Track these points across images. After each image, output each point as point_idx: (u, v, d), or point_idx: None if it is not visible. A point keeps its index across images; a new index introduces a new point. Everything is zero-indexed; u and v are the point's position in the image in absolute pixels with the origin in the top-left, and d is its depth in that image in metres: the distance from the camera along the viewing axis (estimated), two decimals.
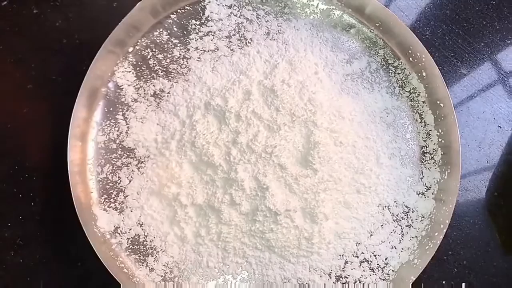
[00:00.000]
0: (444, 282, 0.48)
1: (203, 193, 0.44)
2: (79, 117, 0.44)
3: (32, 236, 0.46)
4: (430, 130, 0.48)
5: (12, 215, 0.46)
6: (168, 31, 0.48)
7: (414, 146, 0.48)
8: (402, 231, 0.46)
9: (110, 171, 0.45)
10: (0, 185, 0.46)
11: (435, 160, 0.47)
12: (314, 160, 0.43)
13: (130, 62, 0.47)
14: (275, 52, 0.48)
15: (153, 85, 0.47)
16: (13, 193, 0.46)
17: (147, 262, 0.44)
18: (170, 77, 0.47)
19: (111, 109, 0.46)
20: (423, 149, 0.48)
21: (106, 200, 0.45)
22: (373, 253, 0.45)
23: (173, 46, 0.48)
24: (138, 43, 0.48)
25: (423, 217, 0.46)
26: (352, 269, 0.45)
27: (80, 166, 0.44)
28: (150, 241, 0.44)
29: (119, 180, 0.45)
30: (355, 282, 0.45)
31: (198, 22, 0.49)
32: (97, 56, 0.44)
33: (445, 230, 0.44)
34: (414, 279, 0.43)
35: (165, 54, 0.48)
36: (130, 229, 0.44)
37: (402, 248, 0.46)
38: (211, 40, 0.48)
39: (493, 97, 0.52)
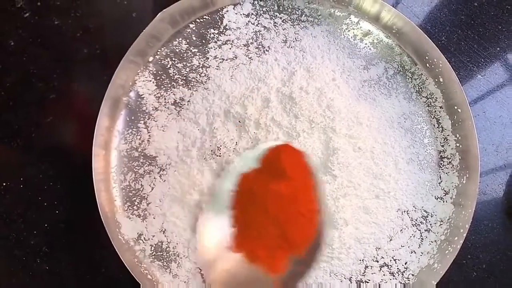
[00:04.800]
0: (464, 286, 0.48)
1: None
2: (102, 126, 0.45)
3: (58, 244, 0.47)
4: (448, 135, 0.48)
5: (38, 223, 0.47)
6: (187, 41, 0.49)
7: (432, 151, 0.48)
8: (421, 236, 0.47)
9: (133, 179, 0.46)
10: (25, 193, 0.47)
11: (453, 165, 0.48)
12: (333, 166, 0.44)
13: (151, 72, 0.48)
14: (292, 60, 0.48)
15: (173, 94, 0.48)
16: (38, 201, 0.47)
17: (171, 268, 0.45)
18: (189, 86, 0.48)
19: (132, 118, 0.47)
20: (441, 154, 0.48)
21: (130, 208, 0.45)
22: (392, 258, 0.46)
23: (192, 55, 0.49)
24: (158, 53, 0.49)
25: (442, 221, 0.47)
26: (372, 273, 0.45)
27: (104, 174, 0.45)
28: (173, 248, 0.45)
29: (142, 188, 0.46)
30: (375, 287, 0.45)
31: (216, 31, 0.49)
32: (119, 66, 0.45)
33: (465, 235, 0.44)
34: (435, 283, 0.43)
35: (184, 63, 0.49)
36: (153, 236, 0.45)
37: (422, 253, 0.46)
38: (230, 48, 0.49)
39: (509, 101, 0.53)
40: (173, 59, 0.49)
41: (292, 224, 0.37)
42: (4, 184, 0.47)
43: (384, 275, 0.46)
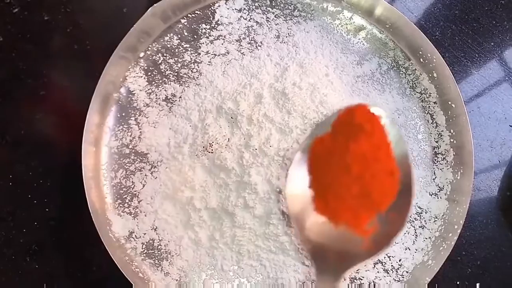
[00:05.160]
0: (458, 283, 0.48)
1: (217, 197, 0.44)
2: (92, 123, 0.44)
3: (47, 242, 0.46)
4: (442, 131, 0.48)
5: (27, 221, 0.46)
6: (179, 36, 0.48)
7: (426, 147, 0.48)
8: (415, 232, 0.46)
9: (124, 176, 0.45)
10: (14, 191, 0.47)
11: (447, 161, 0.47)
12: None
13: (142, 67, 0.48)
14: (285, 55, 0.48)
15: (165, 90, 0.47)
16: (27, 199, 0.46)
17: (162, 266, 0.44)
18: (181, 82, 0.47)
19: (123, 114, 0.47)
20: (435, 149, 0.48)
21: (120, 205, 0.45)
22: (387, 255, 0.45)
23: (184, 50, 0.48)
24: (149, 48, 0.48)
25: (436, 217, 0.46)
26: (366, 270, 0.45)
27: (94, 171, 0.44)
28: (165, 245, 0.44)
29: (133, 185, 0.45)
30: (369, 284, 0.45)
31: (208, 26, 0.49)
32: (109, 62, 0.44)
33: (459, 231, 0.44)
34: (430, 280, 0.43)
35: (176, 58, 0.48)
36: (145, 234, 0.44)
37: (416, 249, 0.46)
38: (222, 44, 0.48)
39: (504, 96, 0.52)
40: (165, 54, 0.48)
41: (375, 182, 0.37)
42: None
43: (378, 272, 0.45)
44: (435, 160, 0.48)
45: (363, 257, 0.38)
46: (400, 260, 0.46)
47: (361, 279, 0.45)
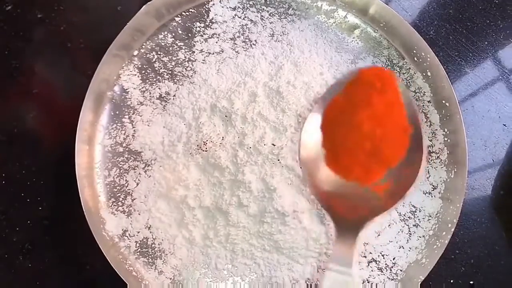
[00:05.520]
0: (452, 281, 0.48)
1: (211, 195, 0.44)
2: (85, 121, 0.44)
3: (41, 240, 0.46)
4: (436, 130, 0.48)
5: (20, 220, 0.46)
6: (173, 34, 0.48)
7: None
8: (409, 231, 0.46)
9: (117, 174, 0.45)
10: (7, 189, 0.46)
11: (441, 159, 0.47)
12: None
13: (136, 66, 0.47)
14: (280, 54, 0.48)
15: (159, 88, 0.47)
16: (20, 197, 0.46)
17: (156, 265, 0.44)
18: (175, 80, 0.47)
19: (117, 112, 0.46)
20: (429, 148, 0.48)
21: (114, 204, 0.45)
22: (381, 253, 0.45)
23: (178, 48, 0.48)
24: (143, 46, 0.48)
25: (430, 216, 0.46)
26: (360, 269, 0.45)
27: (87, 170, 0.44)
28: (159, 244, 0.44)
29: (127, 183, 0.45)
30: (363, 282, 0.45)
31: (202, 25, 0.49)
32: (103, 60, 0.44)
33: (453, 229, 0.44)
34: (423, 278, 0.43)
35: (170, 57, 0.48)
36: (138, 232, 0.44)
37: (410, 248, 0.46)
38: (216, 42, 0.48)
39: (497, 95, 0.52)
40: (159, 52, 0.48)
41: (386, 138, 0.38)
42: None
43: (372, 270, 0.45)
44: (429, 158, 0.48)
45: (379, 210, 0.39)
46: (394, 259, 0.46)
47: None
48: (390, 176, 0.40)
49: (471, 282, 0.48)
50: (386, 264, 0.45)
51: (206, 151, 0.44)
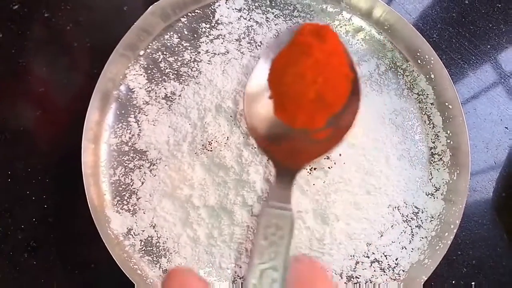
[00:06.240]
0: (453, 282, 0.49)
1: (215, 195, 0.44)
2: (92, 120, 0.44)
3: (45, 238, 0.46)
4: (439, 132, 0.48)
5: (25, 218, 0.46)
6: (179, 35, 0.49)
7: (422, 148, 0.48)
8: (412, 232, 0.47)
9: (123, 173, 0.46)
10: (13, 187, 0.47)
11: (443, 161, 0.48)
12: (324, 161, 0.44)
13: (142, 65, 0.48)
14: None
15: (164, 88, 0.47)
16: (26, 195, 0.47)
17: (161, 264, 0.44)
18: (181, 80, 0.48)
19: (123, 111, 0.47)
20: (432, 150, 0.48)
21: (119, 202, 0.45)
22: (383, 254, 0.46)
23: (183, 49, 0.48)
24: (149, 47, 0.48)
25: (432, 217, 0.47)
26: (363, 269, 0.45)
27: (93, 168, 0.45)
28: (163, 243, 0.45)
29: (132, 182, 0.45)
30: (366, 282, 0.45)
31: (208, 26, 0.49)
32: (109, 59, 0.44)
33: (455, 231, 0.44)
34: (426, 278, 0.43)
35: (176, 57, 0.48)
36: (143, 231, 0.45)
37: (412, 249, 0.46)
38: (221, 43, 0.49)
39: (499, 98, 0.53)
40: (164, 53, 0.48)
41: (329, 86, 0.40)
42: None
43: (374, 271, 0.46)
44: (432, 160, 0.48)
45: (318, 153, 0.41)
46: (396, 259, 0.46)
47: (358, 278, 0.45)
48: (332, 124, 0.42)
49: (473, 283, 0.49)
50: (388, 264, 0.46)
51: (211, 151, 0.44)
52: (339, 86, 0.41)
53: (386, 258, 0.46)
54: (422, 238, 0.46)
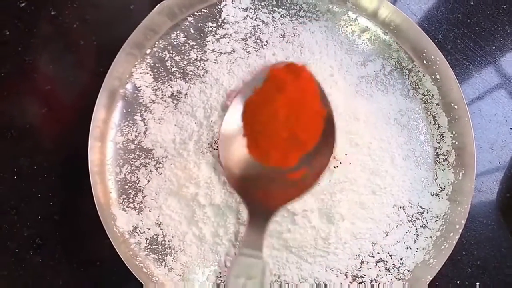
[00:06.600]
0: (458, 282, 0.49)
1: (221, 193, 0.44)
2: (98, 118, 0.44)
3: (51, 236, 0.46)
4: (444, 132, 0.48)
5: (31, 215, 0.46)
6: (185, 33, 0.49)
7: (428, 148, 0.49)
8: (417, 232, 0.47)
9: (129, 171, 0.46)
10: (19, 184, 0.47)
11: (449, 162, 0.48)
12: (330, 161, 0.44)
13: (148, 64, 0.48)
14: (290, 55, 0.48)
15: (171, 87, 0.47)
16: (32, 193, 0.47)
17: (166, 262, 0.44)
18: (187, 79, 0.48)
19: (129, 110, 0.47)
20: (437, 150, 0.48)
21: (125, 200, 0.45)
22: (388, 253, 0.46)
23: (190, 48, 0.49)
24: (156, 45, 0.48)
25: (437, 217, 0.47)
26: (368, 269, 0.45)
27: (99, 166, 0.45)
28: (169, 241, 0.45)
29: (138, 180, 0.46)
30: (371, 282, 0.45)
31: (214, 25, 0.49)
32: (116, 58, 0.44)
33: (460, 231, 0.44)
34: (431, 278, 0.43)
35: (182, 56, 0.48)
36: (149, 229, 0.45)
37: (417, 248, 0.46)
38: (228, 42, 0.49)
39: (504, 99, 0.53)
40: (171, 51, 0.48)
41: (301, 124, 0.41)
42: None
43: (379, 270, 0.46)
44: (437, 160, 0.48)
45: (292, 196, 0.42)
46: (401, 259, 0.46)
47: (363, 277, 0.45)
48: (305, 163, 0.42)
49: (478, 284, 0.49)
50: (393, 264, 0.46)
51: (217, 149, 0.44)
52: (311, 124, 0.42)
53: (391, 258, 0.46)
54: (427, 238, 0.46)
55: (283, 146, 0.41)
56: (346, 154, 0.45)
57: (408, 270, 0.46)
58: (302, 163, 0.42)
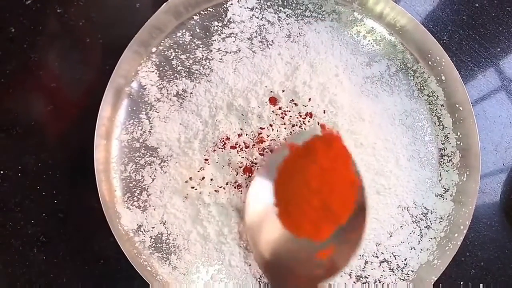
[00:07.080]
0: (461, 283, 0.49)
1: (226, 192, 0.44)
2: (104, 116, 0.44)
3: (55, 233, 0.46)
4: (449, 133, 0.48)
5: (36, 212, 0.46)
6: (191, 32, 0.49)
7: (432, 149, 0.49)
8: (421, 232, 0.47)
9: (134, 169, 0.46)
10: (24, 182, 0.47)
11: (453, 163, 0.48)
12: None
13: (154, 62, 0.48)
14: (296, 54, 0.48)
15: (176, 85, 0.47)
16: (36, 190, 0.47)
17: (170, 260, 0.44)
18: (192, 78, 0.48)
19: (134, 108, 0.47)
20: (441, 151, 0.49)
21: (130, 199, 0.45)
22: (392, 254, 0.46)
23: (195, 47, 0.49)
24: (161, 44, 0.48)
25: (441, 218, 0.47)
26: (372, 269, 0.46)
27: (104, 164, 0.45)
28: (173, 240, 0.45)
29: (142, 179, 0.46)
30: (375, 282, 0.45)
31: (220, 24, 0.49)
32: (122, 56, 0.45)
33: (465, 232, 0.44)
34: (436, 279, 0.43)
35: (187, 55, 0.48)
36: (153, 228, 0.45)
37: (421, 249, 0.46)
38: (233, 41, 0.49)
39: (509, 101, 0.53)
40: (176, 50, 0.48)
41: (334, 195, 0.39)
42: (2, 172, 0.47)
43: (383, 270, 0.46)
44: (441, 161, 0.48)
45: (322, 278, 0.40)
46: (405, 260, 0.46)
47: (367, 278, 0.45)
48: (335, 240, 0.41)
49: (481, 285, 0.49)
50: (397, 264, 0.46)
51: (222, 148, 0.44)
52: (345, 193, 0.40)
53: (395, 258, 0.46)
54: (431, 238, 0.47)
55: (315, 216, 0.40)
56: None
57: (412, 271, 0.46)
58: (332, 239, 0.40)
